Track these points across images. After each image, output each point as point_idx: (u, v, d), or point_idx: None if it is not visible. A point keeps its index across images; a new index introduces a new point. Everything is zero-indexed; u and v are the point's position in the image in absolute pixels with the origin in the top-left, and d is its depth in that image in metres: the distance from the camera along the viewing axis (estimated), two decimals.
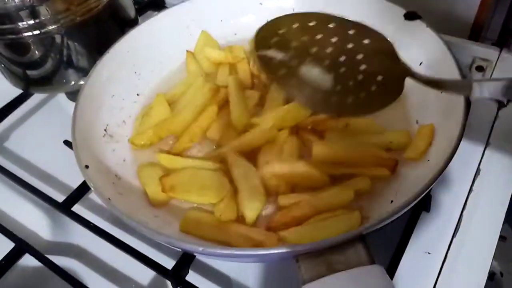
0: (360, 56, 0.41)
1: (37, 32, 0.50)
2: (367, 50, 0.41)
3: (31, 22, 0.50)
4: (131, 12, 0.61)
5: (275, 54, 0.42)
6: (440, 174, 0.35)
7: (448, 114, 0.42)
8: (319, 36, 0.41)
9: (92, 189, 0.38)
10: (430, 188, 0.36)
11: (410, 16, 0.50)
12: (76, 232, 0.48)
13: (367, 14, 0.52)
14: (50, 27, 0.51)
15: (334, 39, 0.41)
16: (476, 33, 0.59)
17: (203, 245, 0.32)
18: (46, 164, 0.56)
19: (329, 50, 0.41)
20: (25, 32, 0.50)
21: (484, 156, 0.49)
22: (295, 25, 0.42)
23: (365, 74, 0.40)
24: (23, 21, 0.49)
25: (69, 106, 0.63)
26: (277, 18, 0.42)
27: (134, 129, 0.50)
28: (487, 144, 0.50)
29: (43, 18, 0.50)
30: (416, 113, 0.47)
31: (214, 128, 0.47)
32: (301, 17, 0.42)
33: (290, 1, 0.58)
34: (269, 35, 0.42)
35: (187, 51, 0.56)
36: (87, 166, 0.39)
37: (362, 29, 0.41)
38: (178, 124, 0.46)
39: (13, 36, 0.51)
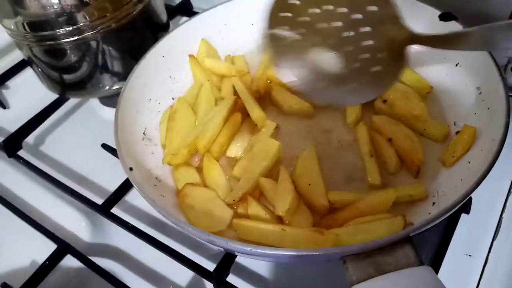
0: (366, 29, 0.40)
1: (74, 38, 0.52)
2: (373, 20, 0.40)
3: (69, 28, 0.51)
4: (163, 17, 0.62)
5: (286, 33, 0.42)
6: (484, 178, 0.35)
7: (488, 114, 0.42)
8: (328, 8, 0.41)
9: (138, 191, 0.38)
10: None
11: (445, 17, 0.49)
12: (114, 234, 0.48)
13: (402, 15, 0.53)
14: (87, 33, 0.52)
15: (342, 10, 0.40)
16: None
17: (250, 245, 0.32)
18: (81, 167, 0.57)
19: (337, 24, 0.41)
20: (63, 38, 0.51)
21: None
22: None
23: (369, 52, 0.40)
24: (61, 27, 0.51)
25: (102, 110, 0.64)
26: None
27: (161, 134, 0.50)
28: None
29: (80, 25, 0.51)
30: (453, 114, 0.47)
31: (239, 166, 0.46)
32: None
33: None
34: (282, 9, 0.41)
35: (189, 55, 0.56)
36: (131, 169, 0.40)
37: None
38: (209, 140, 0.47)
39: (52, 42, 0.52)
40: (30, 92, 0.66)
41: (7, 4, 0.50)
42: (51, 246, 0.46)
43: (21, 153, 0.57)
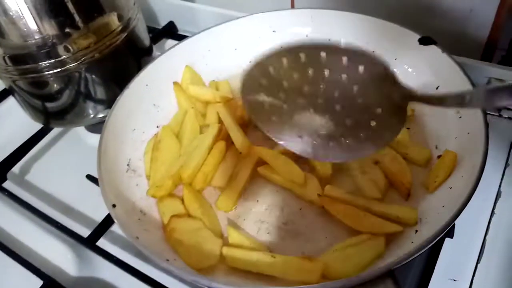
0: (356, 88, 0.37)
1: (57, 70, 0.52)
2: (363, 79, 0.37)
3: (52, 61, 0.51)
4: (146, 42, 0.62)
5: (265, 98, 0.40)
6: (465, 205, 0.35)
7: (468, 139, 0.43)
8: (310, 71, 0.38)
9: (121, 229, 0.38)
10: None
11: (424, 41, 0.50)
12: (100, 266, 0.48)
13: (382, 40, 0.54)
14: (70, 65, 0.52)
15: (327, 72, 0.38)
16: (489, 52, 0.60)
17: (233, 284, 0.32)
18: (67, 196, 0.57)
19: (322, 86, 0.38)
20: (46, 70, 0.51)
21: (504, 178, 0.49)
22: (284, 62, 0.38)
23: (363, 109, 0.38)
24: (44, 60, 0.51)
25: (88, 137, 0.64)
26: (264, 57, 0.39)
27: (145, 164, 0.50)
28: (506, 166, 0.50)
29: (63, 57, 0.51)
30: (435, 138, 0.48)
31: (218, 176, 0.47)
32: (289, 52, 0.38)
33: (304, 28, 0.58)
34: (257, 76, 0.39)
35: (173, 82, 0.56)
36: (114, 205, 0.40)
37: (356, 54, 0.36)
38: (193, 170, 0.47)
39: (35, 75, 0.52)
40: (13, 121, 0.66)
41: None
42: (38, 282, 0.45)
43: (6, 184, 0.57)
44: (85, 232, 0.49)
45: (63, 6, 0.49)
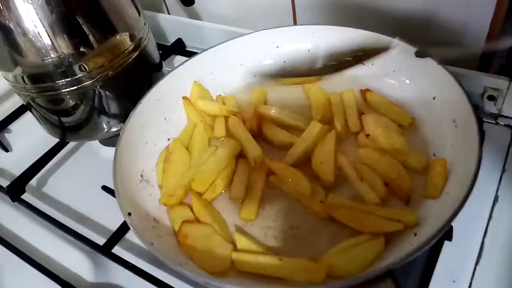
0: None
1: (73, 88, 0.55)
2: None
3: (68, 79, 0.54)
4: (156, 60, 0.65)
5: None
6: (460, 209, 0.37)
7: (464, 147, 0.45)
8: None
9: (136, 236, 0.40)
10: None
11: (420, 54, 0.53)
12: (116, 272, 0.50)
13: (381, 53, 0.56)
14: (86, 83, 0.55)
15: None
16: (485, 62, 0.62)
17: (242, 285, 0.35)
18: (83, 207, 0.59)
19: None
20: (63, 88, 0.54)
21: (501, 183, 0.51)
22: None
23: None
24: (60, 79, 0.54)
25: (102, 150, 0.67)
26: None
27: (158, 175, 0.52)
28: (503, 171, 0.52)
29: (79, 75, 0.54)
30: (433, 146, 0.50)
31: (236, 188, 0.50)
32: None
33: (306, 43, 0.61)
34: None
35: (183, 97, 0.59)
36: (129, 214, 0.42)
37: None
38: (205, 181, 0.49)
39: (52, 93, 0.55)
40: (31, 135, 0.69)
41: (7, 57, 0.53)
42: None
43: (25, 196, 0.60)
44: (100, 240, 0.51)
45: (79, 27, 0.52)
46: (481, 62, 0.62)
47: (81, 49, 0.53)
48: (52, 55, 0.52)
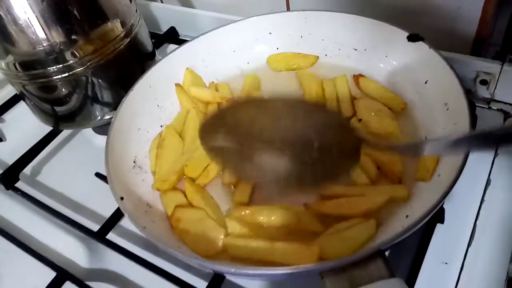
0: (314, 133, 0.41)
1: (65, 74, 0.54)
2: (322, 127, 0.41)
3: (60, 66, 0.54)
4: (149, 47, 0.65)
5: (224, 143, 0.42)
6: (450, 190, 0.37)
7: (455, 129, 0.45)
8: (268, 119, 0.41)
9: (129, 219, 0.41)
10: (442, 202, 0.38)
11: (412, 38, 0.53)
12: (110, 258, 0.51)
13: (373, 38, 0.56)
14: (77, 70, 0.54)
15: (285, 120, 0.41)
16: (478, 47, 0.62)
17: (234, 266, 0.35)
18: (77, 194, 0.59)
19: (280, 132, 0.41)
20: (54, 75, 0.54)
21: (493, 167, 0.51)
22: (242, 114, 0.42)
23: (321, 150, 0.40)
24: (52, 66, 0.53)
25: (95, 139, 0.67)
26: (222, 109, 0.43)
27: (151, 161, 0.53)
28: (495, 155, 0.52)
29: (70, 62, 0.54)
30: (424, 129, 0.50)
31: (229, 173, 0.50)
32: (249, 105, 0.43)
33: (299, 30, 0.61)
34: (215, 125, 0.42)
35: (175, 84, 0.59)
36: (122, 198, 0.43)
37: (315, 108, 0.42)
38: (198, 167, 0.50)
39: (44, 80, 0.55)
40: (25, 124, 0.69)
41: None
42: (51, 274, 0.48)
43: (18, 184, 0.60)
44: (95, 227, 0.51)
45: (69, 14, 0.52)
46: (474, 47, 0.62)
47: (72, 36, 0.52)
48: (43, 42, 0.52)
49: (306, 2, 0.70)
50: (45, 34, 0.51)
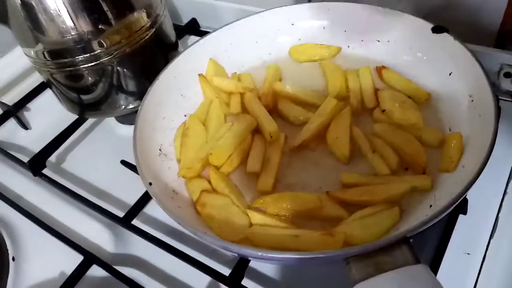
0: None
1: (92, 64, 0.56)
2: None
3: (87, 55, 0.55)
4: (173, 38, 0.66)
5: None
6: (475, 181, 0.38)
7: (480, 121, 0.45)
8: None
9: (158, 204, 0.42)
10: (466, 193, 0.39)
11: (437, 29, 0.53)
12: (135, 244, 0.52)
13: (397, 30, 0.56)
14: (104, 59, 0.56)
15: None
16: (502, 40, 0.62)
17: (261, 250, 0.36)
18: (101, 182, 0.61)
19: None
20: (82, 64, 0.55)
21: None
22: None
23: None
24: (80, 55, 0.55)
25: (118, 128, 0.68)
26: None
27: (176, 149, 0.53)
28: None
29: (97, 51, 0.55)
30: (448, 121, 0.50)
31: (252, 162, 0.50)
32: None
33: (321, 21, 0.61)
34: None
35: (199, 75, 0.59)
36: (150, 184, 0.44)
37: None
38: (223, 155, 0.50)
39: (71, 68, 0.56)
40: (50, 112, 0.70)
41: (28, 34, 0.54)
42: (78, 258, 0.49)
43: (45, 171, 0.61)
44: (120, 214, 0.53)
45: (97, 4, 0.53)
46: (498, 40, 0.62)
47: (100, 26, 0.54)
48: (72, 32, 0.53)
49: None
50: (74, 24, 0.53)
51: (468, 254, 0.45)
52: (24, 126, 0.71)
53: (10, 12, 0.54)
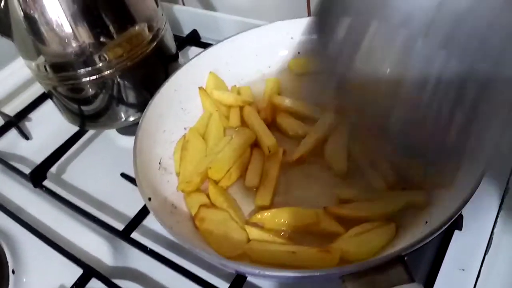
0: None
1: (94, 77, 0.56)
2: None
3: (89, 68, 0.55)
4: (173, 50, 0.67)
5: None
6: (470, 197, 0.38)
7: None
8: None
9: (157, 219, 0.42)
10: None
11: None
12: (134, 257, 0.52)
13: None
14: (105, 72, 0.56)
15: None
16: None
17: (258, 267, 0.36)
18: (101, 194, 0.61)
19: None
20: (83, 77, 0.56)
21: None
22: None
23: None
24: (82, 68, 0.55)
25: (118, 139, 0.68)
26: None
27: (175, 162, 0.54)
28: None
29: (99, 65, 0.55)
30: None
31: (250, 177, 0.51)
32: None
33: None
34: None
35: (199, 88, 0.60)
36: (150, 199, 0.44)
37: None
38: (222, 169, 0.51)
39: (73, 82, 0.57)
40: (51, 123, 0.71)
41: (31, 47, 0.55)
42: (78, 271, 0.50)
43: (45, 182, 0.61)
44: (119, 226, 0.53)
45: (100, 18, 0.54)
46: None
47: (102, 39, 0.54)
48: (74, 45, 0.54)
49: None
50: (76, 37, 0.53)
51: (463, 270, 0.45)
52: (25, 136, 0.72)
53: (13, 25, 0.55)
